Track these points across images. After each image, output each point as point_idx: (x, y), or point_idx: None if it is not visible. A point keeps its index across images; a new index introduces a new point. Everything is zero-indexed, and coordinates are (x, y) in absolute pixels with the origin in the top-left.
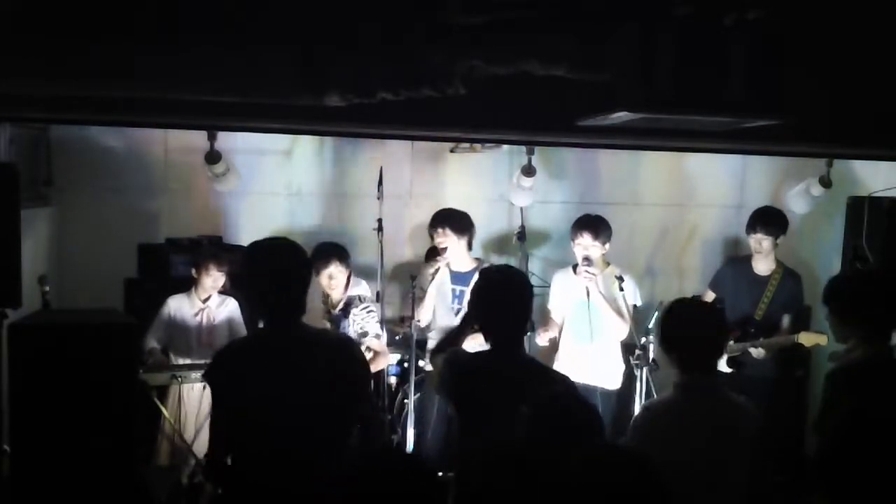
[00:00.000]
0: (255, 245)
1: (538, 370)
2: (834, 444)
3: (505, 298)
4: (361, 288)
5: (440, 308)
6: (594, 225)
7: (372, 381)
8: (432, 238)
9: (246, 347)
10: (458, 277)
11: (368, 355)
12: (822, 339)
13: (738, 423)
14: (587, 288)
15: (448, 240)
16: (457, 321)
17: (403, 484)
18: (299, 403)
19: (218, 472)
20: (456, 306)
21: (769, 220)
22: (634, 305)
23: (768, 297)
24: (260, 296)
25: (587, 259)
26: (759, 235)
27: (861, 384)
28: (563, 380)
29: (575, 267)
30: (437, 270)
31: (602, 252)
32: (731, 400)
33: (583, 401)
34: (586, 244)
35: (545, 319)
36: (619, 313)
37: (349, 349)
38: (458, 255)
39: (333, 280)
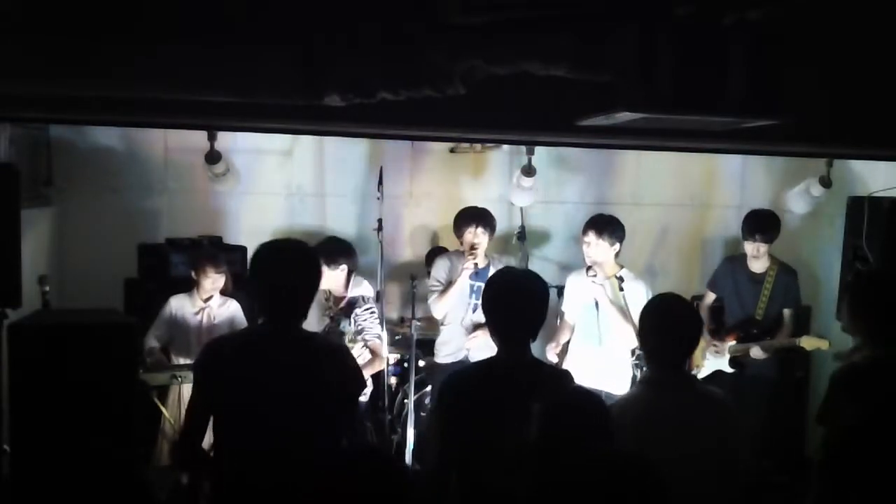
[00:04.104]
0: (266, 245)
1: (548, 372)
2: (838, 447)
3: (513, 302)
4: (363, 288)
5: (457, 303)
6: (602, 224)
7: (371, 385)
8: (459, 236)
9: (237, 342)
10: (476, 273)
11: (367, 355)
12: (823, 344)
13: (709, 418)
14: (595, 298)
15: (482, 238)
16: (473, 317)
17: (372, 482)
18: (282, 403)
19: (186, 455)
20: (473, 301)
21: (766, 226)
22: None
23: (766, 296)
24: (262, 295)
25: (592, 266)
26: (759, 244)
27: (863, 386)
28: (571, 377)
29: (588, 269)
30: (473, 266)
31: (613, 252)
32: (707, 395)
33: (596, 399)
34: (591, 242)
35: (553, 325)
36: (628, 319)
37: (342, 357)
38: (481, 252)
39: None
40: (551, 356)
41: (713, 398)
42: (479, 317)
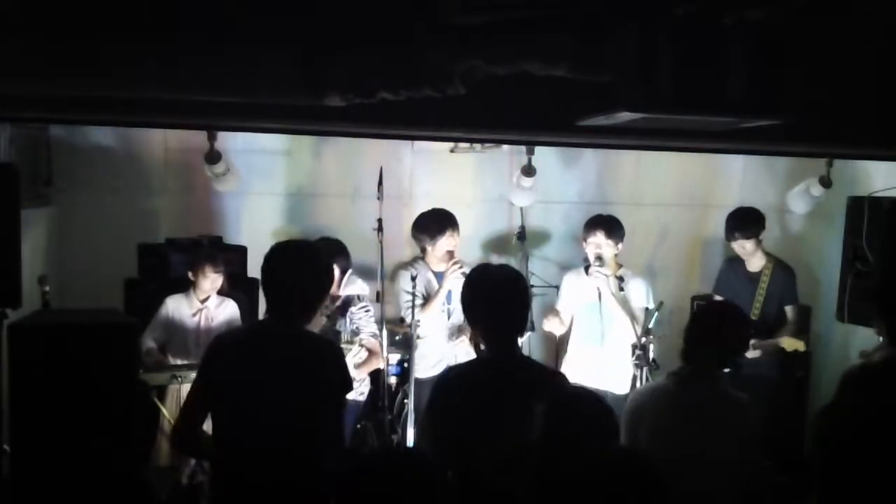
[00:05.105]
0: (281, 244)
1: (539, 370)
2: (834, 442)
3: (503, 297)
4: (358, 286)
5: (435, 313)
6: (607, 224)
7: (369, 384)
8: (432, 241)
9: (241, 337)
10: (440, 276)
11: (363, 354)
12: (799, 345)
13: (732, 417)
14: (598, 289)
15: (457, 242)
16: (451, 322)
17: (408, 482)
18: (276, 399)
19: (183, 436)
20: (446, 306)
21: (743, 222)
22: (646, 308)
23: (762, 294)
24: (270, 292)
25: (599, 258)
26: (740, 241)
27: (873, 383)
28: (564, 377)
29: (587, 268)
30: (460, 271)
31: (615, 252)
32: (730, 395)
33: (599, 400)
34: (599, 242)
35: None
36: (631, 315)
37: (332, 356)
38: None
39: None
40: (553, 326)
41: (739, 401)
42: (457, 319)
